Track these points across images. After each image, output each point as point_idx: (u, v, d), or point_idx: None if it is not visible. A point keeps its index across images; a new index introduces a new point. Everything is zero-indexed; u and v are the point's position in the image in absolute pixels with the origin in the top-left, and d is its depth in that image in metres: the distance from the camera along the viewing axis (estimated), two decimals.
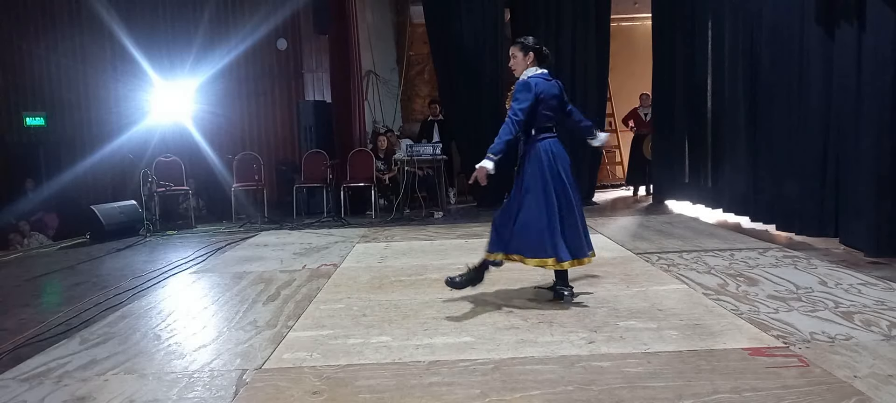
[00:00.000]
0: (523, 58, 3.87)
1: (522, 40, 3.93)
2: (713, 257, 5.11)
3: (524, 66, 3.88)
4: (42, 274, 5.69)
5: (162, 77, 9.37)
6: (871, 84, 4.88)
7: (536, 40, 3.94)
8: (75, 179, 9.47)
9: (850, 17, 5.09)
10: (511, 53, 3.95)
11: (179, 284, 4.93)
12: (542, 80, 3.81)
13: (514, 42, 3.98)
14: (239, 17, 10.05)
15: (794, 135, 5.86)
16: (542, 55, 3.90)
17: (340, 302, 4.13)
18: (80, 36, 10.01)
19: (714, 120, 7.62)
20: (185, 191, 8.48)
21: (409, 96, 11.39)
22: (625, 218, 7.69)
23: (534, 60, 3.87)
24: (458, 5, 8.87)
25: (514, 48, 3.93)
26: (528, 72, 3.86)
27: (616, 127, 11.23)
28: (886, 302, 3.66)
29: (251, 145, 9.87)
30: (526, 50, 3.87)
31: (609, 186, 11.30)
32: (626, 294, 4.07)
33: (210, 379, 2.87)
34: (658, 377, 2.72)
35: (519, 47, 3.90)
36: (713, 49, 7.57)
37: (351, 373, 2.88)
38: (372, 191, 8.69)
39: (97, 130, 10.00)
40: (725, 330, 3.28)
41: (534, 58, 3.87)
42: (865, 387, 2.53)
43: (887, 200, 4.82)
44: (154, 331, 3.65)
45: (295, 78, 10.34)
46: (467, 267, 4.01)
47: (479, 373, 2.83)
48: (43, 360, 3.21)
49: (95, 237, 7.29)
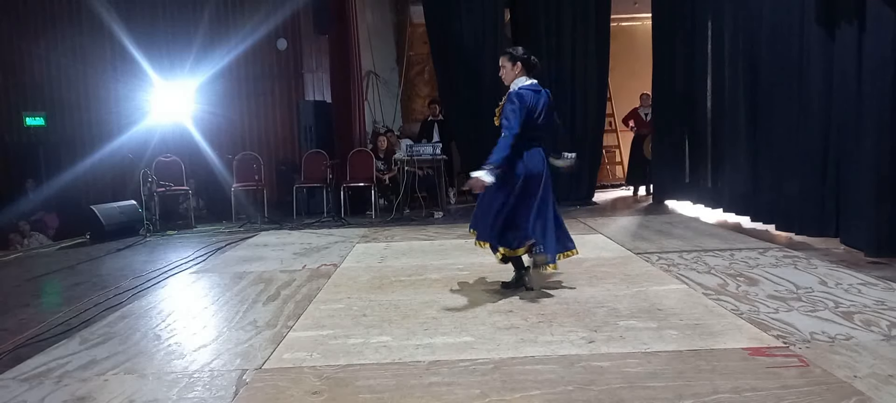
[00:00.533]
0: (512, 68, 3.91)
1: (511, 50, 3.95)
2: (713, 257, 5.11)
3: (513, 76, 3.92)
4: (42, 274, 5.69)
5: (162, 77, 9.36)
6: (871, 84, 4.88)
7: (525, 50, 3.97)
8: (75, 179, 9.47)
9: (850, 17, 5.09)
10: (501, 63, 3.99)
11: (179, 284, 4.93)
12: (531, 92, 3.85)
13: (503, 52, 4.01)
14: (239, 17, 10.04)
15: (794, 135, 5.86)
16: (531, 65, 3.93)
17: (340, 302, 4.13)
18: (80, 36, 10.00)
19: (714, 120, 7.62)
20: (185, 191, 8.48)
21: (409, 96, 11.39)
22: (625, 218, 7.69)
23: (522, 70, 3.91)
24: (458, 5, 8.86)
25: (502, 58, 3.97)
26: (517, 82, 3.89)
27: (616, 127, 11.23)
28: (886, 302, 3.66)
29: (251, 145, 9.86)
30: (514, 60, 3.91)
31: (609, 186, 11.30)
32: (626, 294, 4.07)
33: (210, 379, 2.87)
34: (658, 377, 2.72)
35: (507, 58, 3.94)
36: (713, 49, 7.57)
37: (351, 373, 2.88)
38: (372, 190, 8.69)
39: (97, 130, 10.00)
40: (725, 330, 3.28)
41: (522, 68, 3.90)
42: (865, 387, 2.53)
43: (888, 200, 4.82)
44: (154, 331, 3.65)
45: (295, 78, 10.33)
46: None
47: (479, 373, 2.83)
48: (43, 360, 3.20)
49: (95, 237, 7.29)
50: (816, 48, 5.50)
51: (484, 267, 4.86)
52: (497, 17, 9.00)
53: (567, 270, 4.68)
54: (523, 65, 3.91)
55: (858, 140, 5.05)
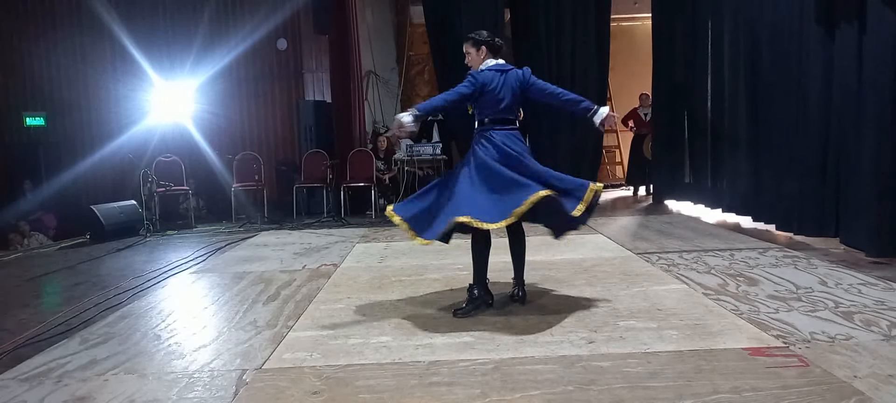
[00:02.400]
0: (476, 53, 3.83)
1: (473, 35, 3.86)
2: (713, 257, 5.10)
3: (479, 60, 3.83)
4: (42, 274, 5.69)
5: (162, 77, 9.37)
6: (871, 83, 4.88)
7: (489, 33, 3.88)
8: (75, 179, 9.47)
9: (850, 17, 5.09)
10: (465, 50, 3.88)
11: (179, 284, 4.93)
12: (493, 72, 3.74)
13: (466, 38, 3.89)
14: (239, 17, 10.04)
15: (794, 135, 5.86)
16: (496, 47, 3.84)
17: (340, 302, 4.13)
18: (80, 36, 10.00)
19: (714, 120, 7.62)
20: (185, 191, 8.48)
21: (409, 96, 11.39)
22: (625, 218, 7.69)
23: (487, 54, 3.82)
24: (458, 5, 8.87)
25: (466, 44, 3.86)
26: (484, 65, 3.80)
27: (616, 127, 11.22)
28: (886, 302, 3.66)
29: (251, 145, 9.87)
30: (478, 45, 3.82)
31: (609, 186, 11.30)
32: (626, 294, 4.06)
33: (210, 379, 2.87)
34: (658, 377, 2.72)
35: (471, 43, 3.84)
36: (713, 49, 7.57)
37: (351, 373, 2.88)
38: (372, 191, 8.69)
39: (97, 130, 10.00)
40: (725, 330, 3.28)
41: (487, 51, 3.82)
42: (865, 387, 2.53)
43: (888, 200, 4.82)
44: (154, 331, 3.65)
45: (295, 78, 10.33)
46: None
47: (479, 373, 2.82)
48: (43, 360, 3.20)
49: (95, 237, 7.30)
50: (816, 48, 5.50)
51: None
52: (497, 17, 8.99)
53: (567, 270, 4.69)
54: (488, 48, 3.82)
55: (858, 140, 5.05)
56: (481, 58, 3.83)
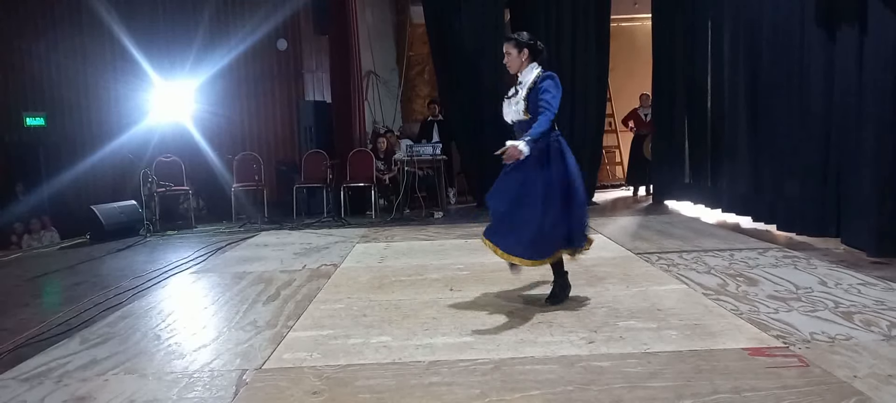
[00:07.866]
0: (518, 54, 3.73)
1: (516, 36, 3.77)
2: (713, 257, 5.10)
3: (519, 63, 3.74)
4: (42, 274, 5.69)
5: (162, 77, 9.36)
6: (872, 84, 4.88)
7: (531, 35, 3.79)
8: (75, 179, 9.46)
9: (850, 18, 5.10)
10: (505, 50, 3.78)
11: (179, 284, 4.93)
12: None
13: (508, 38, 3.79)
14: (239, 17, 10.04)
15: (794, 135, 5.86)
16: (538, 50, 3.76)
17: (340, 302, 4.13)
18: (80, 36, 9.99)
19: (714, 120, 7.62)
20: (185, 192, 8.47)
21: (409, 96, 11.40)
22: (625, 218, 7.69)
23: (529, 57, 3.74)
24: (458, 5, 8.86)
25: (508, 45, 3.76)
26: (530, 69, 3.73)
27: (616, 127, 11.23)
28: (886, 302, 3.66)
29: (251, 145, 9.86)
30: (520, 46, 3.73)
31: (609, 186, 11.31)
32: (626, 294, 4.07)
33: (210, 379, 2.87)
34: (658, 377, 2.72)
35: (513, 44, 3.74)
36: (713, 49, 7.57)
37: (351, 373, 2.88)
38: (372, 191, 8.69)
39: (97, 130, 9.99)
40: (725, 330, 3.28)
41: (528, 54, 3.73)
42: (865, 387, 2.53)
43: (889, 200, 4.82)
44: (154, 331, 3.65)
45: (295, 78, 10.33)
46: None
47: (479, 373, 2.83)
48: (43, 360, 3.20)
49: (95, 237, 7.29)
50: (817, 48, 5.50)
51: (484, 267, 4.86)
52: (497, 17, 9.00)
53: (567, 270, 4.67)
54: (530, 51, 3.73)
55: (859, 140, 5.05)
56: (522, 61, 3.74)
